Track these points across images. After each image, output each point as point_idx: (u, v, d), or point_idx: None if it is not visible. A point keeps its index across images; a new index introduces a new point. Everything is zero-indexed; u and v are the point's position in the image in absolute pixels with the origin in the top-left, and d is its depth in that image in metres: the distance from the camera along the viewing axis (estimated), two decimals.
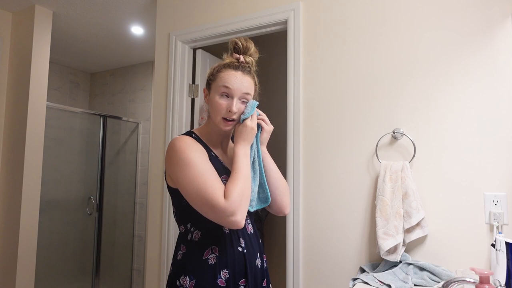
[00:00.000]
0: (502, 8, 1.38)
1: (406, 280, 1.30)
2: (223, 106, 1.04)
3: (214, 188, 0.94)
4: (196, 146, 1.02)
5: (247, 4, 1.99)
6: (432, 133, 1.47)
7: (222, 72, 1.08)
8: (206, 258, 1.01)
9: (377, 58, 1.61)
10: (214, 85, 1.07)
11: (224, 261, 1.02)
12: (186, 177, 0.96)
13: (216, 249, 1.02)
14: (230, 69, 1.08)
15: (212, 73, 1.10)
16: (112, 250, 3.70)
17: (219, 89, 1.05)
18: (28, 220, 2.42)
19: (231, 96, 1.05)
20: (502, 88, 1.36)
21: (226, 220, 0.93)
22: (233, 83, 1.05)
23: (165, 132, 2.21)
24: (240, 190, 0.95)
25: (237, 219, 0.93)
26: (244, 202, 0.96)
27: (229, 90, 1.04)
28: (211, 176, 0.96)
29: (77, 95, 4.09)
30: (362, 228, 1.58)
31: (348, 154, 1.64)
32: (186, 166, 0.96)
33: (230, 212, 0.92)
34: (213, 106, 1.06)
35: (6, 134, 2.58)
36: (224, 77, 1.06)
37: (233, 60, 1.11)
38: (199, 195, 0.94)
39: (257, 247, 1.12)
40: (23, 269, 2.38)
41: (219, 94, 1.05)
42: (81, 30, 2.99)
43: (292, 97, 1.80)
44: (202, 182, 0.94)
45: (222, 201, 0.92)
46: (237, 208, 0.93)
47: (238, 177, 0.98)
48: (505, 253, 1.10)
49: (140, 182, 3.72)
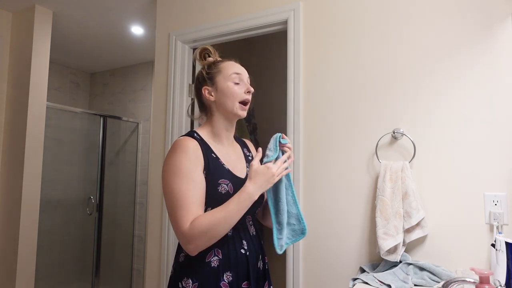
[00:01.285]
0: (502, 8, 1.38)
1: (406, 280, 1.30)
2: (238, 90, 1.09)
3: (186, 211, 0.94)
4: (194, 153, 1.01)
5: (247, 4, 1.99)
6: (432, 133, 1.47)
7: (222, 63, 1.12)
8: (209, 261, 1.01)
9: (377, 58, 1.61)
10: (221, 76, 1.10)
11: (227, 263, 1.01)
12: (170, 186, 0.97)
13: (219, 252, 1.02)
14: (227, 60, 1.14)
15: (210, 68, 1.13)
16: (112, 250, 3.70)
17: (230, 77, 1.09)
18: (28, 220, 2.42)
19: (241, 80, 1.10)
20: (503, 88, 1.36)
21: (181, 243, 0.96)
22: (240, 68, 1.12)
23: (165, 132, 2.21)
24: (208, 227, 0.93)
25: (189, 248, 0.95)
26: (207, 239, 0.94)
27: (240, 75, 1.10)
28: (189, 196, 0.95)
29: (77, 95, 4.09)
30: (362, 228, 1.57)
31: (348, 154, 1.64)
32: (173, 176, 0.97)
33: (186, 240, 0.94)
34: (229, 92, 1.08)
35: (6, 134, 2.58)
36: (228, 66, 1.11)
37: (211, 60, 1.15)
38: (171, 210, 0.96)
39: (259, 248, 1.12)
40: (23, 269, 2.38)
41: (231, 81, 1.09)
42: (81, 30, 2.99)
43: (292, 97, 1.80)
44: (178, 198, 0.95)
45: (183, 227, 0.93)
46: (194, 240, 0.93)
47: (218, 214, 0.95)
48: (505, 253, 1.10)
49: (140, 182, 3.72)
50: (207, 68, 1.13)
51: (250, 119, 2.81)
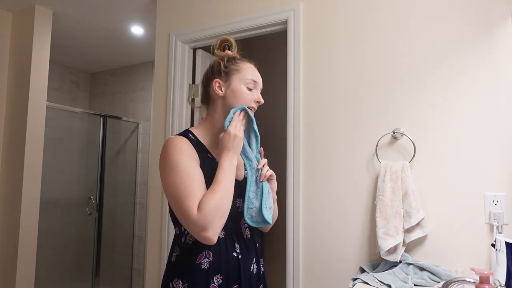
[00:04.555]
0: (502, 8, 1.38)
1: (406, 280, 1.30)
2: (250, 96, 1.05)
3: (191, 198, 0.90)
4: (187, 150, 0.98)
5: (247, 4, 1.99)
6: (432, 133, 1.47)
7: (243, 64, 1.08)
8: (200, 263, 0.98)
9: (377, 58, 1.61)
10: (239, 76, 1.06)
11: (217, 266, 0.99)
12: (169, 183, 0.94)
13: (210, 254, 0.99)
14: (247, 62, 1.10)
15: (230, 63, 1.08)
16: (112, 250, 3.70)
17: (247, 81, 1.05)
18: (28, 220, 2.42)
19: (255, 88, 1.07)
20: (502, 88, 1.36)
21: (198, 235, 0.89)
22: (258, 77, 1.08)
23: (165, 132, 2.21)
24: (215, 204, 0.89)
25: (208, 235, 0.88)
26: (218, 217, 0.89)
27: (256, 84, 1.07)
28: (192, 185, 0.92)
29: (77, 95, 4.09)
30: (362, 228, 1.57)
31: (348, 154, 1.64)
32: (171, 172, 0.94)
33: (201, 227, 0.87)
34: (241, 95, 1.04)
35: (6, 134, 2.58)
36: (249, 70, 1.07)
37: (231, 53, 1.12)
38: (176, 203, 0.92)
39: (253, 252, 1.09)
40: (23, 269, 2.38)
41: (246, 86, 1.05)
42: (81, 30, 2.99)
43: (292, 97, 1.80)
44: (182, 190, 0.91)
45: (193, 214, 0.88)
46: (209, 223, 0.87)
47: (216, 189, 0.92)
48: (505, 253, 1.10)
49: (140, 182, 3.72)
50: (226, 61, 1.08)
51: None
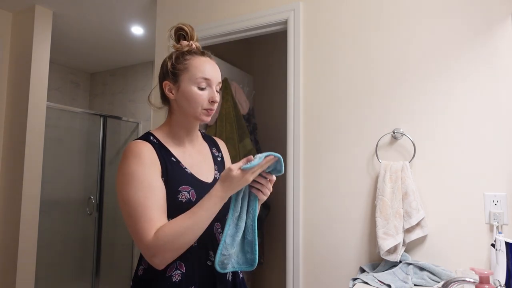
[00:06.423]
0: (502, 8, 1.38)
1: (406, 280, 1.30)
2: (204, 97, 0.95)
3: (147, 220, 0.84)
4: (148, 157, 0.90)
5: (247, 4, 1.99)
6: (432, 133, 1.47)
7: (192, 60, 0.97)
8: (170, 275, 0.90)
9: (377, 57, 1.61)
10: (187, 76, 0.95)
11: (190, 277, 0.92)
12: (124, 197, 0.87)
13: (181, 265, 0.92)
14: (198, 56, 0.98)
15: (177, 62, 0.98)
16: (112, 250, 3.69)
17: (197, 80, 0.95)
18: (28, 220, 2.42)
19: (209, 86, 0.97)
20: (502, 88, 1.36)
21: (147, 257, 0.85)
22: (211, 72, 0.96)
23: None
24: (176, 235, 0.82)
25: (155, 262, 0.84)
26: (173, 250, 0.83)
27: (209, 81, 0.96)
28: (148, 204, 0.85)
29: (77, 95, 4.09)
30: (362, 228, 1.57)
31: (348, 154, 1.64)
32: (127, 185, 0.87)
33: (151, 253, 0.83)
34: (192, 98, 0.95)
35: (6, 134, 2.58)
36: (199, 67, 0.96)
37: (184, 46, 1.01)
38: (129, 221, 0.86)
39: None
40: (23, 269, 2.38)
41: (196, 86, 0.95)
42: (81, 30, 2.99)
43: (292, 97, 1.80)
44: (136, 208, 0.85)
45: (146, 239, 0.83)
46: (159, 252, 0.83)
47: (187, 218, 0.84)
48: (505, 253, 1.10)
49: None
50: (174, 59, 0.99)
51: (250, 119, 2.80)
